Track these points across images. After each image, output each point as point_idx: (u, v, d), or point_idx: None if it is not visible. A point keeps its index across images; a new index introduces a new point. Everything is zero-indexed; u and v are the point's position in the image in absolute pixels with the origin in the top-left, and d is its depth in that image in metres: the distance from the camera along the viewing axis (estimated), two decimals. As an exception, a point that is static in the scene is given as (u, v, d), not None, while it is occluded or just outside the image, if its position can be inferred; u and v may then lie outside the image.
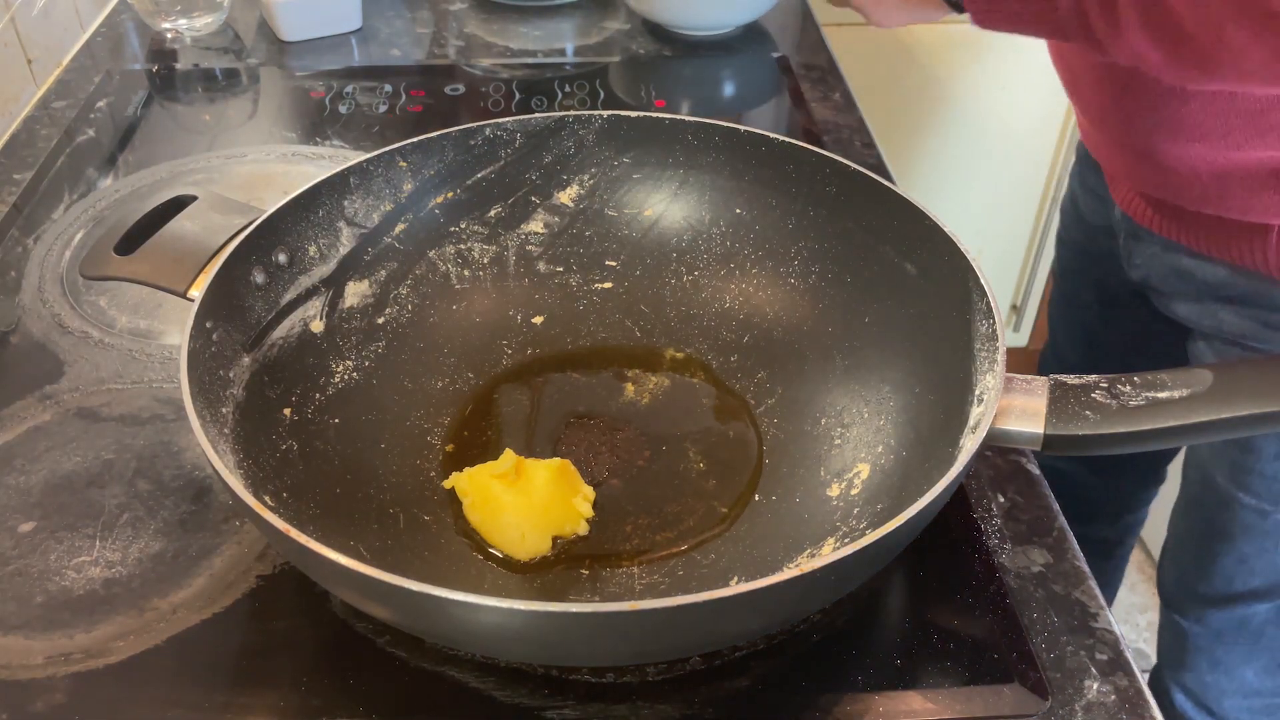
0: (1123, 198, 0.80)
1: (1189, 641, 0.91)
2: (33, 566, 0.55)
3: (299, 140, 0.91)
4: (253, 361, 0.55)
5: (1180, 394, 0.45)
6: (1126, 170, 0.78)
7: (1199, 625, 0.90)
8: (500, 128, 0.66)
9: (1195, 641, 0.91)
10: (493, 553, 0.54)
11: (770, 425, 0.61)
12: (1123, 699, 0.50)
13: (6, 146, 0.89)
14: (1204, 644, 0.90)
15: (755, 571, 0.52)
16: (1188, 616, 0.91)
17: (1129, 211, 0.79)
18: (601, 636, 0.42)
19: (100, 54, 1.04)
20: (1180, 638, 0.93)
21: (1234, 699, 0.91)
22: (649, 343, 0.67)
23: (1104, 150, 0.80)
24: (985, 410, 0.47)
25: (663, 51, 1.06)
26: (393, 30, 1.10)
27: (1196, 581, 0.88)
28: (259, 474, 0.50)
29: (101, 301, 0.72)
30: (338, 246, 0.62)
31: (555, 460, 0.56)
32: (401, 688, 0.49)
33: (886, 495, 0.53)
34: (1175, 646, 0.94)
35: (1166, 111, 0.68)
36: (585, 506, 0.56)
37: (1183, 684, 0.94)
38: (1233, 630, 0.88)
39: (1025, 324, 1.76)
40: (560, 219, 0.69)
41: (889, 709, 0.48)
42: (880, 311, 0.61)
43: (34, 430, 0.63)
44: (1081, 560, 0.56)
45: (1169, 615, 0.94)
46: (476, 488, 0.55)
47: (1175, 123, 0.68)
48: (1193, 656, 0.92)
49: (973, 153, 1.54)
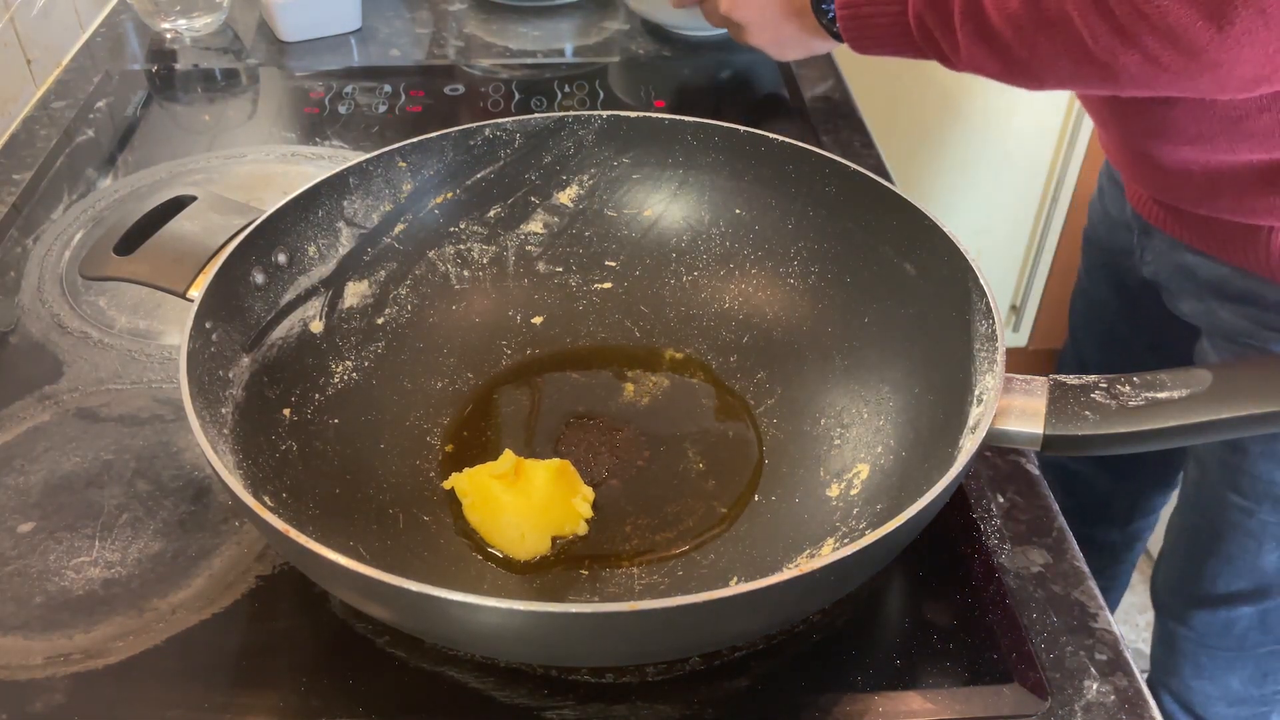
0: (1133, 195, 0.81)
1: (1177, 645, 0.92)
2: (32, 567, 0.55)
3: (298, 140, 0.91)
4: (252, 362, 0.55)
5: (1180, 394, 0.45)
6: (1131, 170, 0.78)
7: (1186, 628, 0.90)
8: (500, 128, 0.66)
9: (1183, 646, 0.91)
10: (492, 553, 0.54)
11: (770, 425, 0.61)
12: (1122, 699, 0.50)
13: (6, 147, 0.89)
14: (1190, 648, 0.91)
15: (755, 572, 0.52)
16: (1176, 619, 0.91)
17: (1139, 209, 0.80)
18: (601, 637, 0.42)
19: (100, 54, 1.04)
20: (1170, 641, 0.93)
21: (1219, 706, 0.91)
22: (649, 343, 0.67)
23: (1112, 151, 0.81)
24: (985, 410, 0.47)
25: (662, 52, 1.06)
26: (392, 30, 1.10)
27: (1185, 583, 0.89)
28: (258, 474, 0.50)
29: (101, 302, 0.72)
30: (337, 247, 0.62)
31: (554, 461, 0.56)
32: (401, 688, 0.49)
33: (886, 495, 0.53)
34: (1165, 651, 0.94)
35: (1155, 116, 0.69)
36: (585, 507, 0.56)
37: (1171, 689, 0.94)
38: (1217, 634, 0.88)
39: (1025, 324, 1.76)
40: (560, 219, 0.69)
41: (889, 709, 0.48)
42: (880, 311, 0.61)
43: (33, 430, 0.63)
44: (1081, 560, 0.56)
45: (1161, 619, 0.94)
46: (476, 488, 0.55)
47: (1163, 127, 0.69)
48: (1180, 661, 0.92)
49: (973, 153, 1.54)
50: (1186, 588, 0.88)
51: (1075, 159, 1.54)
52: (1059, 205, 1.60)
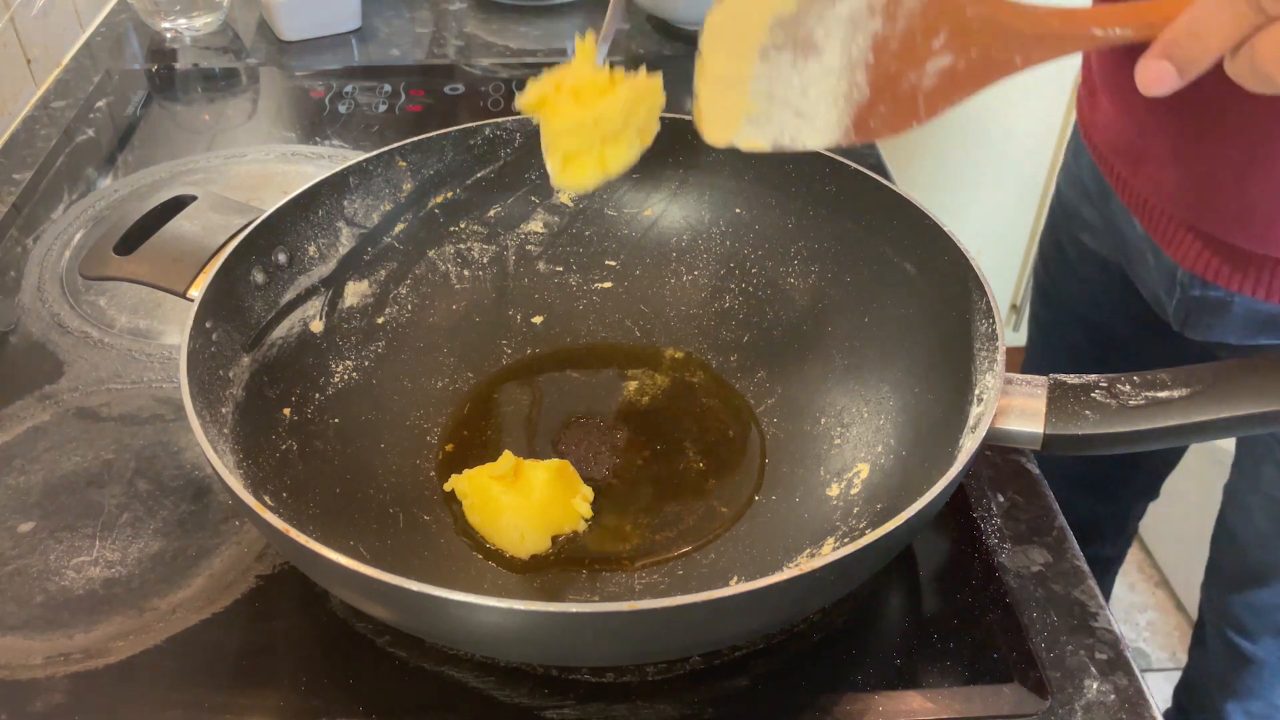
0: (1185, 253, 0.68)
1: (1259, 664, 0.85)
2: (32, 566, 0.55)
3: (298, 140, 0.91)
4: (252, 361, 0.55)
5: (1180, 393, 0.45)
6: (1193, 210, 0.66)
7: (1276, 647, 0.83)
8: (500, 127, 0.66)
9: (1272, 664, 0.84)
10: (493, 552, 0.54)
11: (770, 425, 0.61)
12: (1122, 698, 0.50)
13: (6, 146, 0.89)
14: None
15: (755, 571, 0.52)
16: (1250, 637, 0.84)
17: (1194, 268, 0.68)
18: (601, 636, 0.42)
19: (100, 54, 1.04)
20: (1239, 661, 0.86)
21: None
22: (649, 342, 0.67)
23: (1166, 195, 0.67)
24: (985, 410, 0.47)
25: (663, 51, 1.06)
26: (392, 30, 1.10)
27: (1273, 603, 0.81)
28: (258, 474, 0.50)
29: (101, 301, 0.72)
30: (337, 246, 0.62)
31: (554, 461, 0.56)
32: (401, 687, 0.49)
33: (886, 495, 0.53)
34: (1231, 670, 0.87)
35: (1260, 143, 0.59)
36: (584, 506, 0.56)
37: (1253, 713, 0.88)
38: None
39: (1024, 324, 1.75)
40: (560, 218, 0.69)
41: (889, 709, 0.48)
42: (880, 311, 0.61)
43: (33, 430, 0.63)
44: (1081, 560, 0.56)
45: (1224, 637, 0.86)
46: (475, 489, 0.55)
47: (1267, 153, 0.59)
48: (1261, 684, 0.85)
49: (973, 153, 1.54)
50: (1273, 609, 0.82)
51: (1075, 158, 1.54)
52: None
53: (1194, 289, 0.69)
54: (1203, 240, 0.66)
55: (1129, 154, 0.70)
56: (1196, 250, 0.67)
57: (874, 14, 0.46)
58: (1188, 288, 0.70)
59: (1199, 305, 0.70)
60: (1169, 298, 0.72)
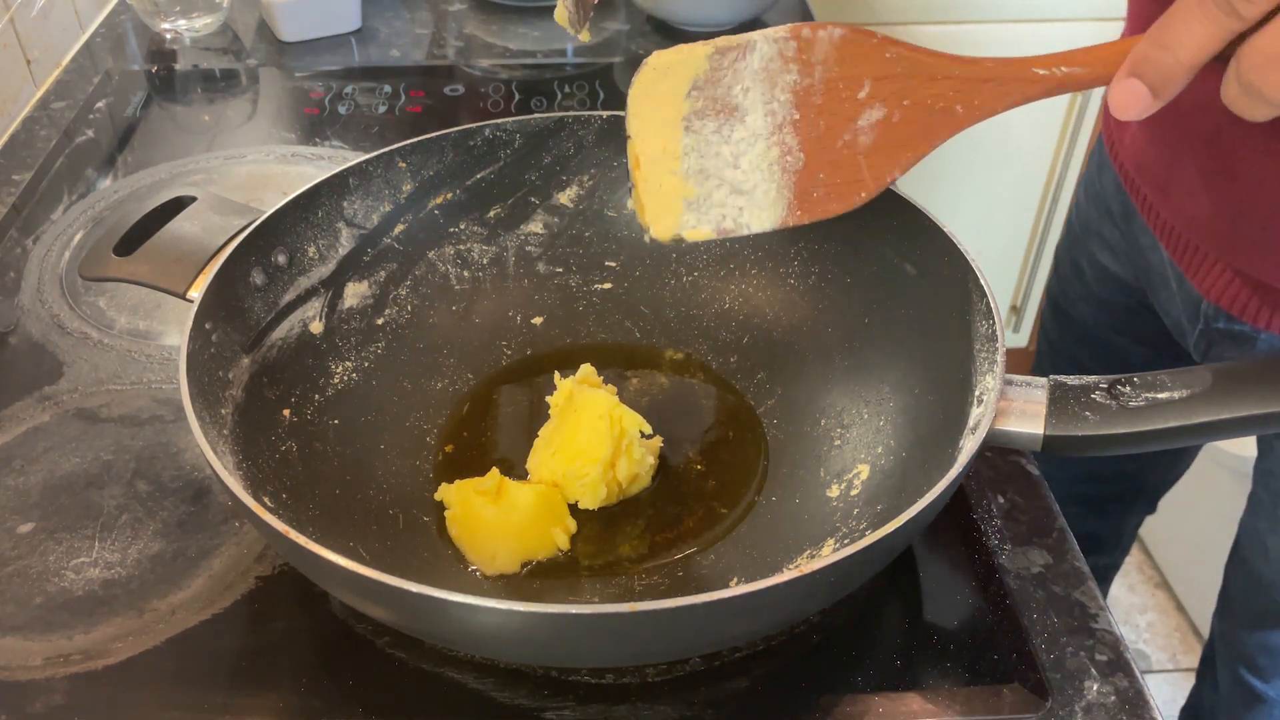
0: (1211, 286, 0.66)
1: (1273, 708, 0.81)
2: (31, 567, 0.55)
3: (298, 141, 0.91)
4: (252, 362, 0.55)
5: (1180, 394, 0.45)
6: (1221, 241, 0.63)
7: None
8: (500, 128, 0.66)
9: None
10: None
11: (770, 426, 0.61)
12: (1123, 700, 0.50)
13: (6, 147, 0.89)
14: None
15: (755, 572, 0.52)
16: (1269, 680, 0.80)
17: (1222, 303, 0.66)
18: (601, 638, 0.42)
19: (99, 54, 1.04)
20: (1251, 698, 0.82)
21: None
22: (649, 343, 0.67)
23: (1198, 225, 0.65)
24: (985, 411, 0.47)
25: (662, 52, 1.06)
26: (392, 31, 1.10)
27: None
28: (258, 475, 0.50)
29: (100, 302, 0.72)
30: (337, 247, 0.62)
31: (542, 485, 0.56)
32: (401, 688, 0.49)
33: (886, 496, 0.53)
34: (1244, 706, 0.83)
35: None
36: (563, 538, 0.55)
37: None
38: None
39: (1025, 325, 1.76)
40: (560, 219, 0.69)
41: (889, 709, 0.48)
42: (880, 312, 0.61)
43: (33, 431, 0.63)
44: (1082, 561, 0.56)
45: (1236, 671, 0.83)
46: (459, 500, 0.55)
47: None
48: None
49: (973, 153, 1.54)
50: None
51: (1075, 159, 1.54)
52: (1059, 205, 1.60)
53: (1219, 321, 0.67)
54: (1231, 272, 0.64)
55: (1157, 181, 0.67)
56: (1225, 282, 0.65)
57: (788, 63, 0.44)
58: (1212, 320, 0.68)
59: (1222, 337, 0.68)
60: (1191, 327, 0.71)
